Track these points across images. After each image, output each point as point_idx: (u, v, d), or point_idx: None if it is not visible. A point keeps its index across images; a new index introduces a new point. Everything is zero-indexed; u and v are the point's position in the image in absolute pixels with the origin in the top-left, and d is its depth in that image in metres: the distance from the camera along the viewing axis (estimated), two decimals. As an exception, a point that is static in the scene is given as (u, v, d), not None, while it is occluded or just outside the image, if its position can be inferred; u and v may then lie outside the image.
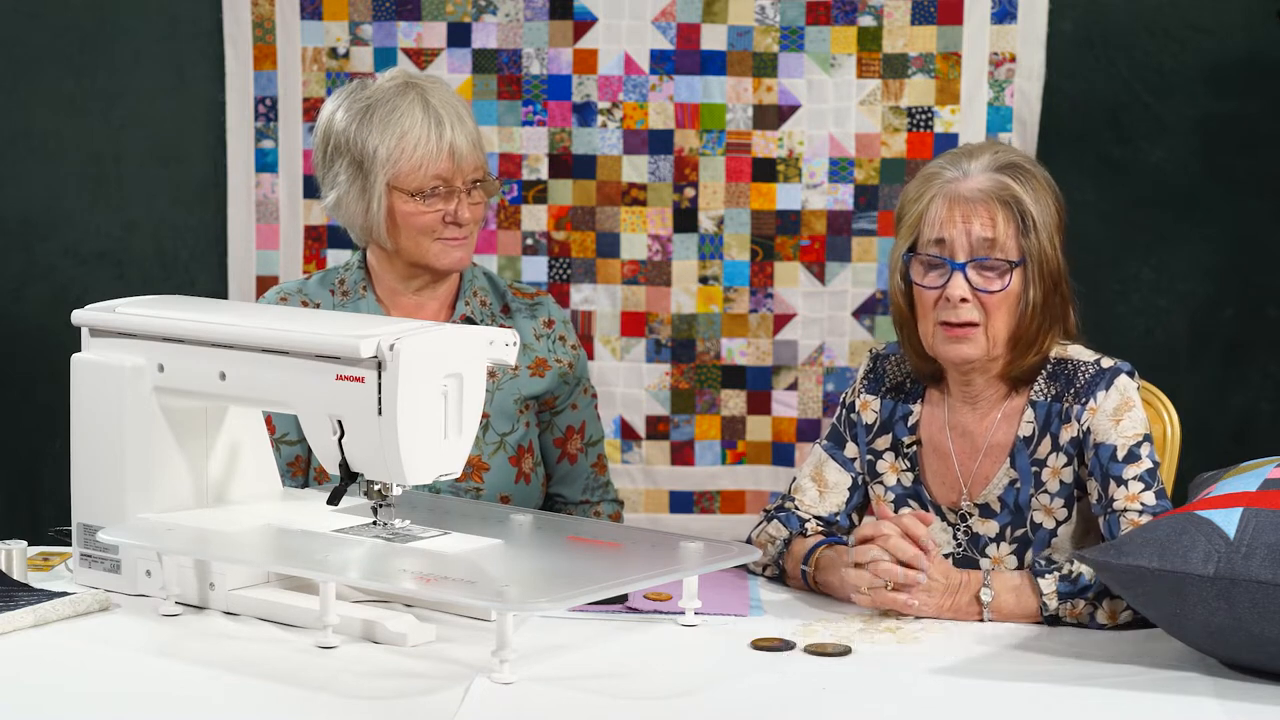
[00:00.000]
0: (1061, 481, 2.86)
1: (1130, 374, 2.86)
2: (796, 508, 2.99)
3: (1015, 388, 2.89)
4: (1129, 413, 2.83)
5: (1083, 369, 2.86)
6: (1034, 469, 2.86)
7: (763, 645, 2.59)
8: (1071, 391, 2.85)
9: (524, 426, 3.25)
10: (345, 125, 3.15)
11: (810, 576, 2.86)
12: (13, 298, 4.50)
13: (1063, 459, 2.85)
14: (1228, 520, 2.48)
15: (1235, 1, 4.25)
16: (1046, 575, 2.71)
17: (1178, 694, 2.42)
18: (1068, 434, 2.85)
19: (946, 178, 2.84)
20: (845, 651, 2.57)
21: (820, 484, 3.00)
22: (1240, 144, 4.28)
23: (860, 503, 3.00)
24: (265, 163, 4.39)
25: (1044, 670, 2.52)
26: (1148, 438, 2.83)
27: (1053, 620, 2.70)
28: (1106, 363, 2.87)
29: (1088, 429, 2.83)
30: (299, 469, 3.22)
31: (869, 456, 2.99)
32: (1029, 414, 2.87)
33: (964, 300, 2.80)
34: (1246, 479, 2.58)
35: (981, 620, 2.71)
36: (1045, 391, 2.87)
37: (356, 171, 3.14)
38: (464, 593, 2.49)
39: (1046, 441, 2.86)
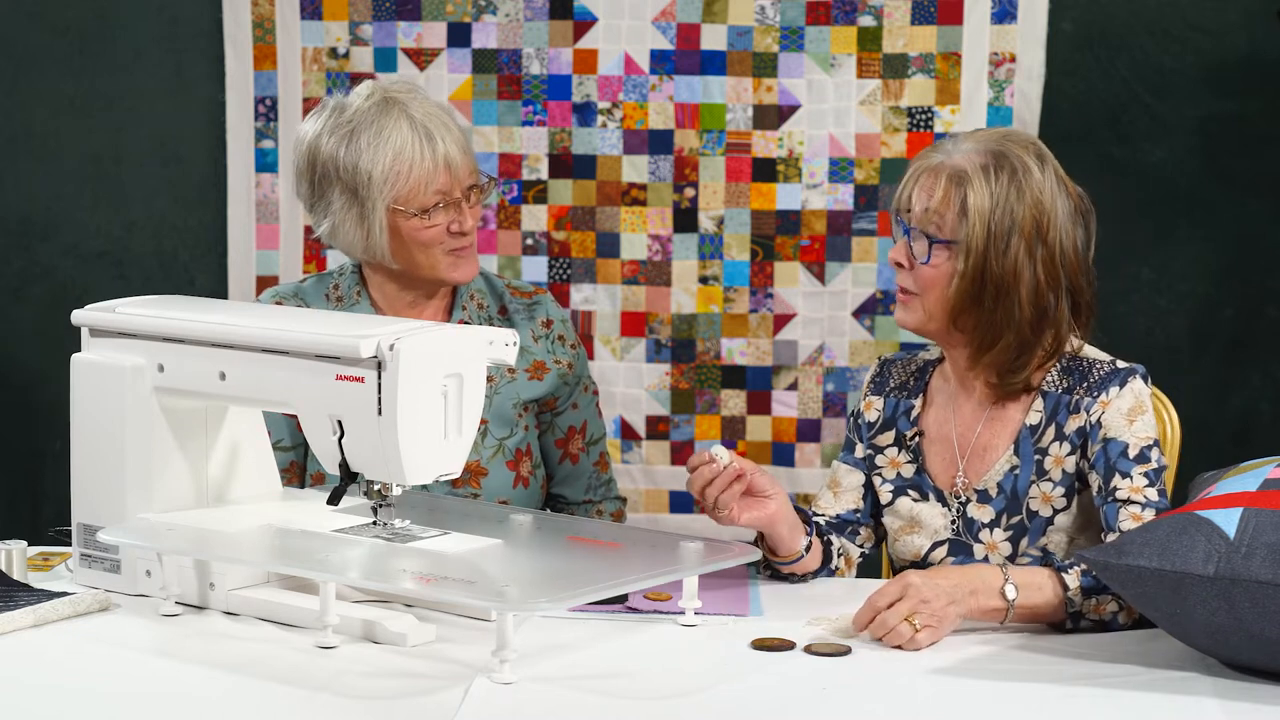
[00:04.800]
0: (1064, 471, 2.86)
1: (1145, 378, 2.87)
2: (814, 514, 3.01)
3: (1014, 389, 2.89)
4: (1142, 415, 2.84)
5: (1098, 366, 2.88)
6: (1036, 457, 2.87)
7: (763, 645, 2.59)
8: (1084, 385, 2.86)
9: (522, 430, 3.24)
10: (332, 152, 3.08)
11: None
12: (13, 298, 4.50)
13: (1066, 448, 2.86)
14: (1228, 520, 2.48)
15: (1235, 1, 4.25)
16: (1070, 570, 2.68)
17: (1178, 694, 2.42)
18: (1074, 424, 2.85)
19: (939, 150, 2.87)
20: (845, 651, 2.57)
21: (835, 488, 3.03)
22: (1240, 144, 4.28)
23: (874, 497, 3.02)
24: (265, 163, 4.39)
25: (1044, 670, 2.51)
26: (1157, 443, 2.84)
27: (1075, 618, 2.67)
28: (1122, 364, 2.89)
29: (1097, 421, 2.83)
30: (294, 475, 3.21)
31: (869, 451, 3.00)
32: (1038, 403, 2.88)
33: (899, 264, 2.85)
34: (1246, 479, 2.58)
35: (1003, 622, 2.66)
36: (1057, 384, 2.88)
37: (352, 198, 3.09)
38: (464, 593, 2.48)
39: (1051, 430, 2.87)
